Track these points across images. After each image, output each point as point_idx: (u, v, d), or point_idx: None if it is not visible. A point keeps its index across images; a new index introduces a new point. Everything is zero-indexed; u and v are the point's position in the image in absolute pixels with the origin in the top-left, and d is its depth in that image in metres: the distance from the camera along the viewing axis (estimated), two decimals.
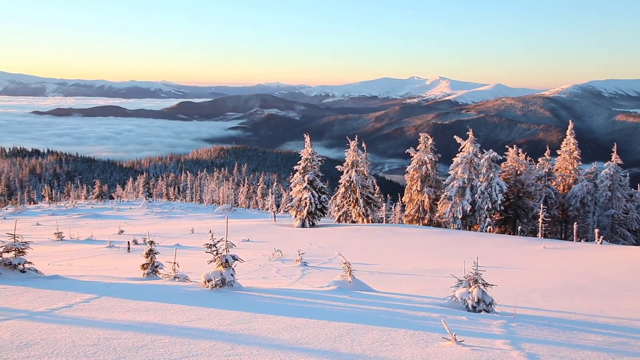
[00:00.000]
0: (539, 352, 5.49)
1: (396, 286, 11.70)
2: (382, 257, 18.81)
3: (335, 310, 7.54)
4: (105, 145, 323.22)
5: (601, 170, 38.68)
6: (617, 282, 12.69)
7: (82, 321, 5.99)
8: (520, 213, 37.59)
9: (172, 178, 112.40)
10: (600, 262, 16.95)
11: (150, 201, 72.40)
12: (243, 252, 17.79)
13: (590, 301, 9.99)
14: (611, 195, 37.48)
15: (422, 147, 37.54)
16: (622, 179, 38.34)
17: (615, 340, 6.41)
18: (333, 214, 39.53)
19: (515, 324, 6.99)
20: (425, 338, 5.89)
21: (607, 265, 16.05)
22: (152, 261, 10.27)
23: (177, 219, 43.70)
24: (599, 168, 39.56)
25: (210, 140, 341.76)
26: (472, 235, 27.76)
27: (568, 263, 17.07)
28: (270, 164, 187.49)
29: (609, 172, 37.54)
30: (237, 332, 5.83)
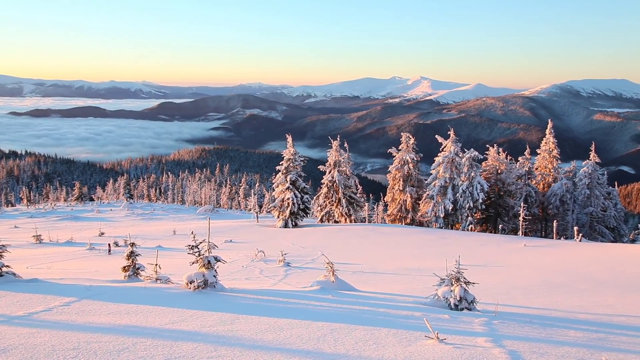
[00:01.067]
0: (520, 349, 5.55)
1: (379, 285, 11.74)
2: (365, 257, 18.85)
3: (319, 310, 7.54)
4: (85, 146, 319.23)
5: (580, 169, 39.23)
6: (596, 279, 12.87)
7: (62, 325, 5.91)
8: (501, 212, 37.98)
9: (153, 179, 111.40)
10: (579, 260, 17.19)
11: (131, 203, 71.71)
12: (226, 253, 17.72)
13: (570, 298, 10.12)
14: (590, 193, 38.04)
15: (404, 146, 37.73)
16: (600, 177, 38.93)
17: (594, 336, 6.50)
18: (316, 214, 39.53)
19: (496, 321, 7.05)
20: (408, 337, 5.91)
21: (586, 263, 16.28)
22: (133, 263, 10.16)
23: (159, 221, 43.34)
24: (578, 166, 40.12)
25: (192, 141, 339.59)
26: (454, 234, 27.97)
27: (548, 261, 17.28)
28: (253, 165, 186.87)
29: (588, 170, 38.10)
30: (220, 334, 5.80)
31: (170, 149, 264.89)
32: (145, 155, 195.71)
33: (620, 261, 16.26)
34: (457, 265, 8.16)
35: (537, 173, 39.98)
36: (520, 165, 38.77)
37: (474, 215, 35.12)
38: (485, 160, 38.92)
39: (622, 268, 14.69)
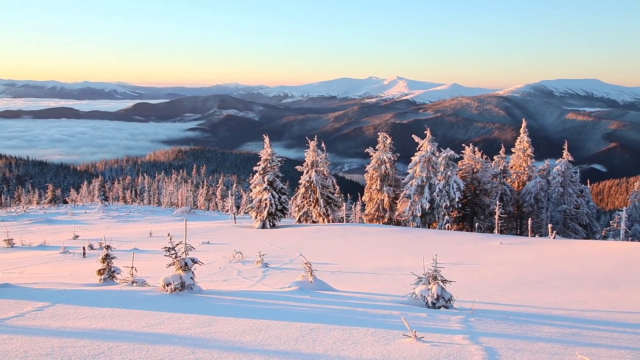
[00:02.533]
0: (496, 346, 5.61)
1: (357, 285, 11.78)
2: (343, 257, 18.89)
3: (297, 310, 7.52)
4: (58, 148, 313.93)
5: (553, 167, 39.88)
6: (569, 275, 13.10)
7: (34, 330, 5.79)
8: (477, 210, 38.41)
9: (128, 181, 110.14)
10: (553, 256, 17.48)
11: (107, 205, 70.75)
12: (203, 254, 17.59)
13: (544, 294, 10.28)
14: (563, 191, 38.69)
15: (381, 146, 37.92)
16: (573, 175, 39.63)
17: (568, 331, 6.61)
18: (293, 214, 39.49)
19: (473, 318, 7.13)
20: (386, 336, 5.94)
21: (560, 259, 16.56)
22: (108, 266, 10.03)
23: (135, 223, 42.84)
24: (551, 165, 40.77)
25: (168, 142, 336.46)
26: (431, 232, 28.19)
27: (523, 258, 17.53)
28: (230, 165, 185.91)
29: (561, 168, 38.76)
30: (198, 336, 5.75)
31: (146, 150, 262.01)
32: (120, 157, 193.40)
33: (592, 257, 16.58)
34: (434, 264, 8.23)
35: (512, 172, 40.55)
36: (496, 164, 39.27)
37: (450, 214, 35.45)
38: (462, 160, 39.34)
39: (594, 264, 14.98)
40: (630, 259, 15.82)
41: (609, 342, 6.04)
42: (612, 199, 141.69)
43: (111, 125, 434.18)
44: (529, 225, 31.29)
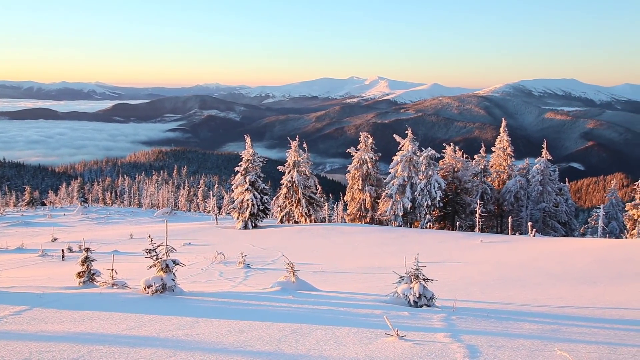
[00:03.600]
0: (478, 343, 5.66)
1: (340, 285, 11.79)
2: (326, 257, 18.90)
3: (279, 311, 7.51)
4: (35, 149, 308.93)
5: (533, 166, 40.40)
6: (549, 273, 13.27)
7: (12, 335, 5.70)
8: (458, 209, 38.72)
9: (108, 182, 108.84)
10: (533, 254, 17.68)
11: (86, 207, 69.90)
12: (184, 256, 17.46)
13: (524, 292, 10.40)
14: (542, 189, 39.20)
15: (363, 146, 38.02)
16: (551, 173, 40.18)
17: (548, 327, 6.69)
18: (276, 214, 39.41)
19: (455, 317, 7.18)
20: (368, 335, 5.95)
21: (540, 257, 16.76)
22: (88, 269, 9.89)
23: (115, 225, 42.37)
24: (531, 164, 41.29)
25: (148, 143, 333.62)
26: (413, 232, 28.35)
27: (504, 256, 17.71)
28: (211, 166, 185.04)
29: (540, 167, 39.26)
30: (179, 338, 5.70)
31: (126, 151, 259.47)
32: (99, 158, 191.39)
33: (571, 255, 16.82)
34: (416, 263, 8.27)
35: (492, 170, 40.97)
36: (476, 163, 39.63)
37: (432, 213, 35.68)
38: (443, 159, 39.62)
39: (573, 261, 15.20)
40: (607, 255, 16.08)
41: (587, 338, 6.13)
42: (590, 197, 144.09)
43: (90, 126, 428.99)
44: (509, 224, 31.64)
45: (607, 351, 5.47)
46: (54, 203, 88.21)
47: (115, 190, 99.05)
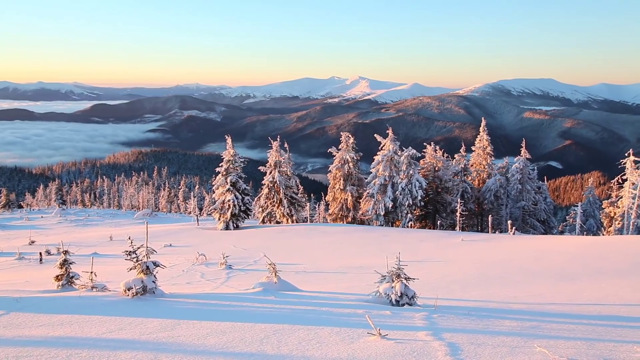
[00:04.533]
0: (459, 341, 5.71)
1: (322, 285, 11.79)
2: (308, 257, 18.90)
3: (261, 312, 7.49)
4: (11, 151, 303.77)
5: (512, 165, 40.88)
6: (528, 270, 13.42)
7: None
8: (439, 208, 39.01)
9: (87, 184, 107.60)
10: (513, 252, 17.88)
11: (64, 209, 68.93)
12: (165, 257, 17.33)
13: (505, 289, 10.50)
14: (521, 188, 39.67)
15: (344, 146, 38.10)
16: (530, 172, 40.70)
17: (528, 324, 6.77)
18: (257, 215, 39.30)
19: (436, 315, 7.23)
20: (350, 334, 5.97)
21: (520, 255, 16.95)
22: (67, 272, 9.76)
23: (94, 227, 41.86)
24: (510, 162, 41.78)
25: (128, 144, 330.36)
26: (395, 231, 28.47)
27: (484, 254, 17.88)
28: (192, 167, 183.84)
29: (519, 166, 39.73)
30: (160, 340, 5.65)
31: (105, 152, 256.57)
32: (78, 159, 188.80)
33: (550, 252, 17.04)
34: (397, 262, 8.31)
35: (472, 169, 41.36)
36: (457, 162, 39.97)
37: (413, 212, 35.88)
38: (423, 158, 39.88)
39: (552, 259, 15.40)
40: (585, 253, 16.33)
41: (566, 334, 6.22)
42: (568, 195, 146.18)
43: (68, 127, 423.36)
44: (490, 222, 31.96)
45: (585, 347, 5.55)
46: (31, 205, 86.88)
47: (94, 191, 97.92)
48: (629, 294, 9.41)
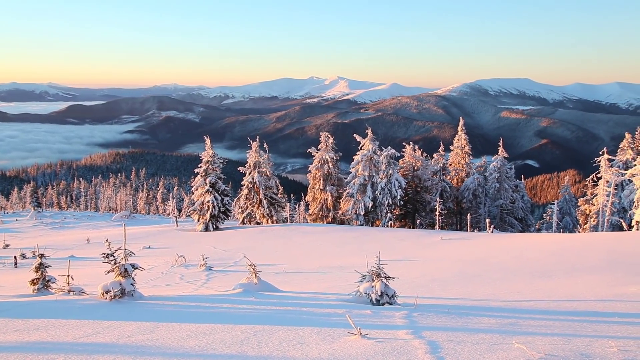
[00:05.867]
0: (439, 339, 5.75)
1: (302, 285, 11.79)
2: (288, 257, 18.87)
3: (242, 313, 7.45)
4: None
5: (490, 164, 41.34)
6: (507, 268, 13.59)
7: None
8: (418, 207, 39.26)
9: (63, 186, 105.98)
10: (491, 250, 18.08)
11: (40, 211, 67.80)
12: (144, 260, 17.15)
13: (483, 287, 10.61)
14: (499, 186, 40.14)
15: (324, 146, 38.12)
16: (508, 171, 41.20)
17: (506, 321, 6.85)
18: (237, 216, 39.11)
19: (416, 313, 7.27)
20: (331, 334, 5.97)
21: (498, 253, 17.15)
22: (42, 275, 9.59)
23: (71, 229, 41.26)
24: (488, 161, 42.25)
25: (105, 145, 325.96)
26: (375, 230, 28.58)
27: (463, 252, 18.05)
28: (170, 168, 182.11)
29: (497, 165, 40.19)
30: (139, 344, 5.59)
31: (82, 153, 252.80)
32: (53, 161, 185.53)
33: (527, 250, 17.27)
34: (377, 261, 8.34)
35: (451, 169, 41.72)
36: (435, 161, 40.28)
37: (393, 211, 36.07)
38: (402, 158, 40.12)
39: (529, 256, 15.61)
40: (561, 250, 16.59)
41: (543, 330, 6.30)
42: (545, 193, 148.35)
43: (43, 129, 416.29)
44: (468, 221, 32.27)
45: (561, 342, 5.63)
46: (5, 208, 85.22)
47: (70, 194, 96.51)
48: (604, 290, 9.58)
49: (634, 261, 13.37)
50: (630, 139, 37.27)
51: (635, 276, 11.01)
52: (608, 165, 33.52)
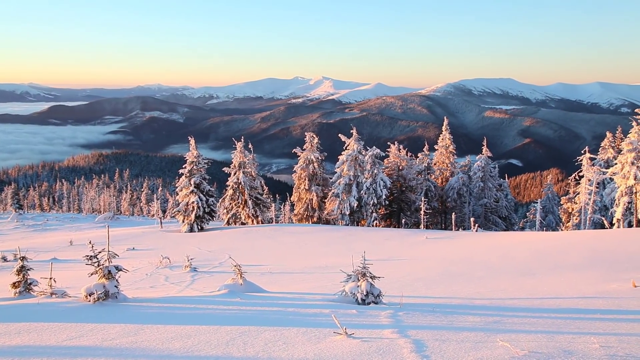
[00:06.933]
0: (424, 338, 5.77)
1: (288, 285, 11.77)
2: (273, 258, 18.84)
3: (227, 314, 7.43)
4: None
5: (474, 163, 41.65)
6: (491, 266, 13.70)
7: None
8: (403, 206, 39.42)
9: (45, 187, 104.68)
10: (476, 249, 18.22)
11: (21, 213, 66.88)
12: (128, 261, 17.02)
13: (468, 286, 10.69)
14: (483, 185, 40.45)
15: (309, 146, 38.11)
16: (492, 170, 41.53)
17: (490, 319, 6.90)
18: (222, 216, 38.96)
19: (401, 312, 7.29)
20: (317, 334, 5.97)
21: (482, 251, 17.28)
22: (24, 278, 9.47)
23: (53, 231, 40.75)
24: (472, 161, 42.56)
25: (88, 146, 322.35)
26: (360, 230, 28.63)
27: (448, 251, 18.16)
28: (155, 169, 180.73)
29: (481, 164, 40.50)
30: (123, 346, 5.54)
31: (64, 154, 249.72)
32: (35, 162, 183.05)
33: (511, 248, 17.43)
34: (363, 261, 8.35)
35: (435, 168, 41.94)
36: (420, 161, 40.47)
37: (378, 211, 36.17)
38: (387, 158, 40.26)
39: (513, 254, 15.76)
40: (545, 248, 16.76)
41: (527, 328, 6.36)
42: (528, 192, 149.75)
43: (24, 130, 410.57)
44: (453, 220, 32.48)
45: (545, 339, 5.69)
46: None
47: (53, 195, 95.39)
48: (586, 287, 9.70)
49: (615, 258, 13.56)
50: (611, 138, 37.79)
51: (617, 273, 11.17)
52: (590, 164, 33.95)
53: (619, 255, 14.04)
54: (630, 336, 5.86)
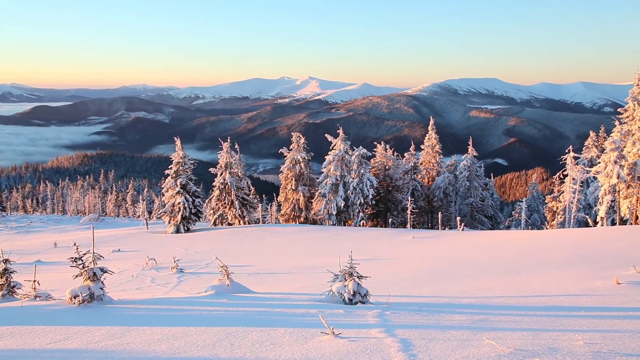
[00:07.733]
0: (411, 337, 5.79)
1: (275, 286, 11.76)
2: (260, 258, 18.80)
3: (214, 315, 7.40)
4: None
5: (460, 162, 41.90)
6: (477, 265, 13.78)
7: None
8: (390, 206, 39.55)
9: (29, 189, 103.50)
10: (462, 248, 18.32)
11: (4, 216, 66.09)
12: (114, 263, 16.89)
13: (455, 284, 10.74)
14: (469, 185, 40.71)
15: (295, 146, 38.09)
16: (478, 169, 41.83)
17: (477, 318, 6.94)
18: (208, 217, 38.80)
19: (389, 312, 7.31)
20: (304, 334, 5.96)
21: (469, 250, 17.39)
22: (7, 281, 9.35)
23: (37, 233, 40.30)
24: (458, 160, 42.82)
25: (72, 147, 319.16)
26: (347, 230, 28.67)
27: (435, 250, 18.24)
28: (140, 170, 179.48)
29: (467, 164, 40.77)
30: (109, 349, 5.49)
31: (48, 155, 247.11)
32: (18, 164, 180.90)
33: (497, 247, 17.56)
34: (350, 261, 8.36)
35: (422, 168, 42.14)
36: (407, 160, 40.63)
37: (365, 210, 36.24)
38: (374, 157, 40.36)
39: (499, 253, 15.87)
40: (530, 246, 16.90)
41: (513, 326, 6.41)
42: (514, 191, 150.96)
43: (7, 130, 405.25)
44: (439, 219, 32.65)
45: (530, 337, 5.74)
46: None
47: (36, 197, 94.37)
48: (571, 285, 9.80)
49: (599, 256, 13.71)
50: (594, 137, 38.22)
51: (601, 271, 11.29)
52: (574, 163, 34.32)
53: (603, 254, 14.19)
54: (614, 333, 5.92)
